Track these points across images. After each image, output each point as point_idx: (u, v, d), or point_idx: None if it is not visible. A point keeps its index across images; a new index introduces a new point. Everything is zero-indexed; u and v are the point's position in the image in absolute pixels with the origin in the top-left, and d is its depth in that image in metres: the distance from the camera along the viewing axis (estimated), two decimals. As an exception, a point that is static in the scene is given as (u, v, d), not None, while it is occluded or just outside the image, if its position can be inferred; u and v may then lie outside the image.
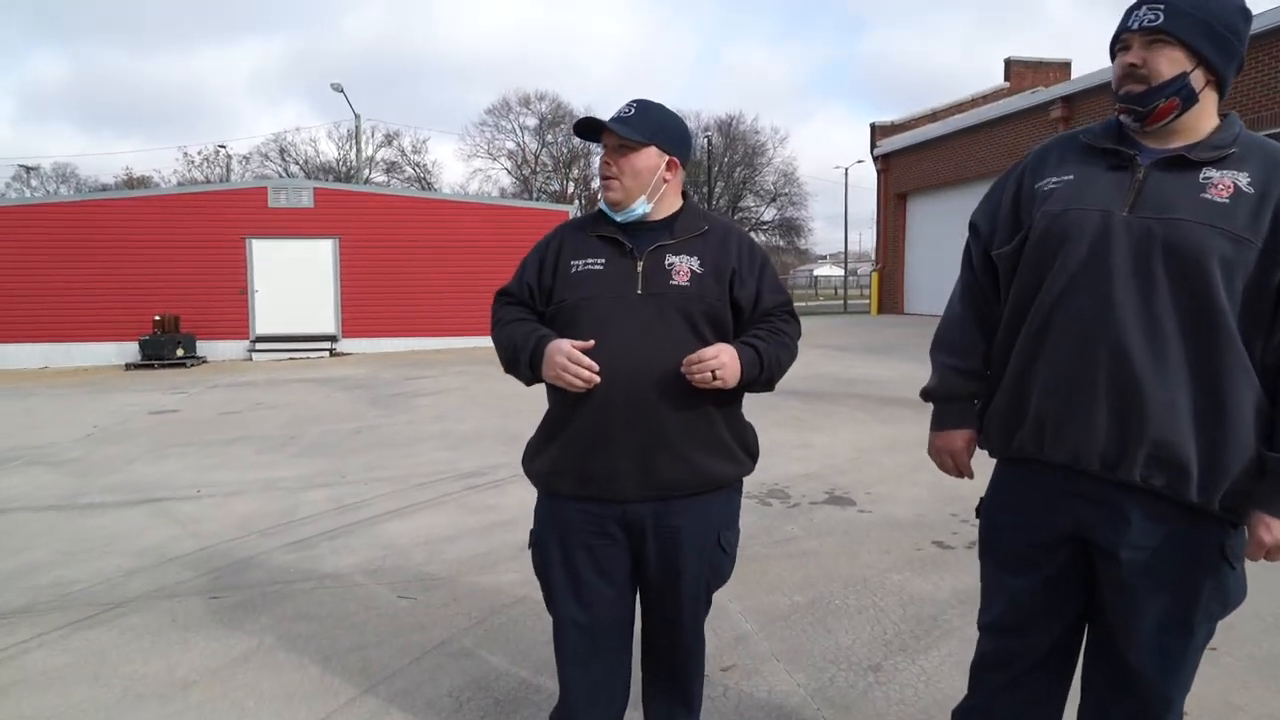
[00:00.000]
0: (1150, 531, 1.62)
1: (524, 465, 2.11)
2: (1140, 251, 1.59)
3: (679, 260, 1.98)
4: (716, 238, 2.05)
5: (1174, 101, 1.61)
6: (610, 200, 2.00)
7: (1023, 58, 24.52)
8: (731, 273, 2.01)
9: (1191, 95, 1.61)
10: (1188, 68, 1.59)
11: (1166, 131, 1.65)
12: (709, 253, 2.01)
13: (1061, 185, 1.72)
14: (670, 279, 1.96)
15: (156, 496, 5.48)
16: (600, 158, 2.01)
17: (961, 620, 3.22)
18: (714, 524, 2.05)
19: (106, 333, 15.80)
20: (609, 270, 1.97)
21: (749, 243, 2.10)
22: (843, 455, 6.21)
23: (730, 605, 3.40)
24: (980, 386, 1.88)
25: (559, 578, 2.04)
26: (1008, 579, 1.80)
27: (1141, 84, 1.62)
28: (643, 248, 1.98)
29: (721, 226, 2.10)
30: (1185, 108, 1.62)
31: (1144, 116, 1.64)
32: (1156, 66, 1.60)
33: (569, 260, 2.00)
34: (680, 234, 2.01)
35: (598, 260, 1.98)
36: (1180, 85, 1.60)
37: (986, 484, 1.91)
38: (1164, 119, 1.63)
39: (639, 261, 1.97)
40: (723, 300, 2.00)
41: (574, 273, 1.99)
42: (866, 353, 13.38)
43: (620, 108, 2.01)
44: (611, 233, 2.01)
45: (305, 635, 3.24)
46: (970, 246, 1.94)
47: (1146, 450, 1.58)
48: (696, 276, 1.98)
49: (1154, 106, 1.62)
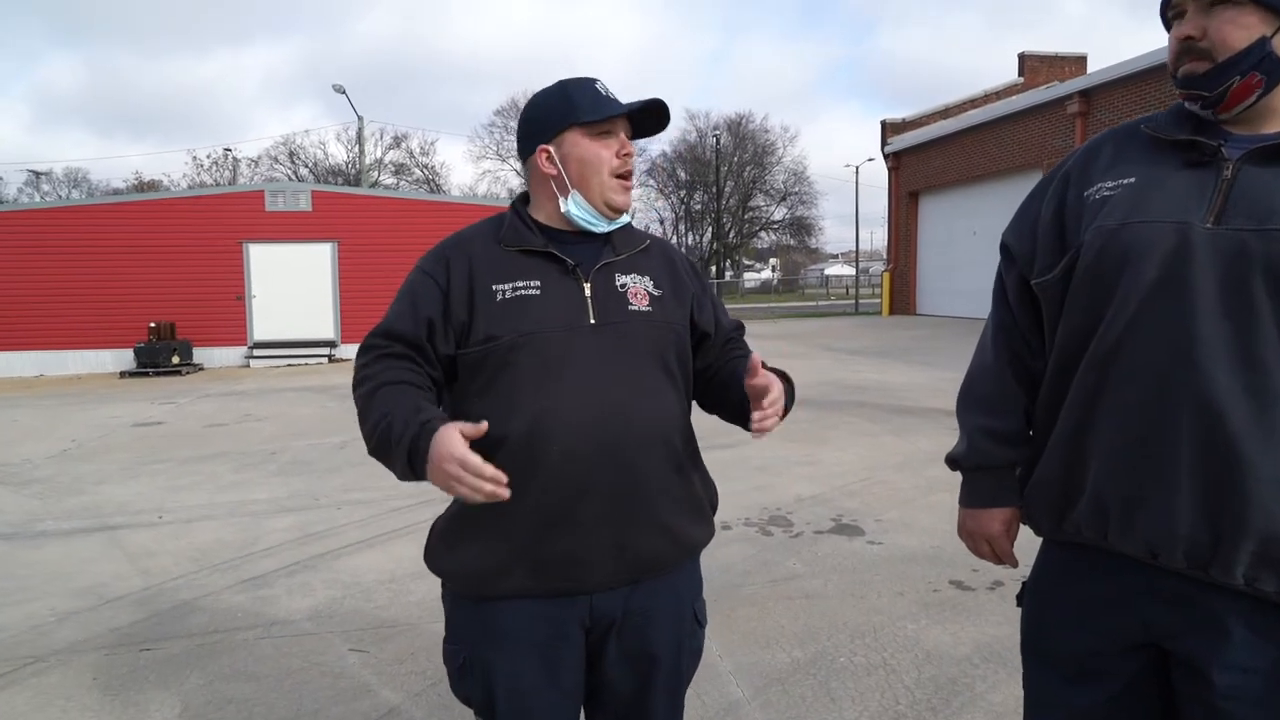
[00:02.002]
0: (1259, 649, 1.19)
1: (431, 563, 1.57)
2: (1233, 275, 1.17)
3: (631, 280, 1.57)
4: (660, 254, 1.66)
5: (1254, 78, 1.20)
6: (625, 205, 1.57)
7: (1037, 52, 23.95)
8: (691, 296, 1.63)
9: (1276, 65, 1.20)
10: (1267, 31, 1.19)
11: (1254, 114, 1.24)
12: (660, 272, 1.61)
13: (1119, 191, 1.31)
14: (628, 304, 1.54)
15: (114, 524, 5.11)
16: (616, 149, 1.54)
17: (984, 685, 2.80)
18: (686, 597, 1.65)
19: (102, 340, 15.51)
20: (549, 295, 1.51)
21: (690, 260, 1.74)
22: (851, 473, 5.78)
23: (721, 663, 3.00)
24: (1022, 453, 1.46)
25: (505, 704, 1.54)
26: (1063, 691, 1.38)
27: (1205, 61, 1.22)
28: (587, 266, 1.55)
29: (659, 241, 1.71)
30: (1271, 84, 1.21)
31: (1215, 102, 1.24)
32: (1222, 36, 1.20)
33: (489, 284, 1.52)
34: (623, 249, 1.60)
35: (530, 283, 1.52)
36: (1260, 56, 1.19)
37: (1031, 564, 1.49)
38: (1241, 102, 1.23)
39: (585, 283, 1.54)
40: (686, 327, 1.61)
41: (500, 300, 1.50)
42: (877, 356, 12.93)
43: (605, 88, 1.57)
44: (543, 246, 1.55)
45: (237, 700, 2.85)
46: (1002, 275, 1.52)
47: (1252, 545, 1.16)
48: (657, 300, 1.57)
49: (1226, 88, 1.22)
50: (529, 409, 1.46)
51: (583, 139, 1.53)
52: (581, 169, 1.54)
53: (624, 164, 1.55)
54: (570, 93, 1.56)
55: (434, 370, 1.52)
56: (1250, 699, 1.19)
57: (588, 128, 1.53)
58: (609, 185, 1.54)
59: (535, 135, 1.59)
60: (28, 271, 15.22)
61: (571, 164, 1.54)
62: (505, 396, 1.47)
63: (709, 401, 1.69)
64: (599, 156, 1.53)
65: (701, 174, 48.96)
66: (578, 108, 1.53)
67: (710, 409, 1.70)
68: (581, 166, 1.54)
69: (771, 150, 50.31)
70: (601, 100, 1.53)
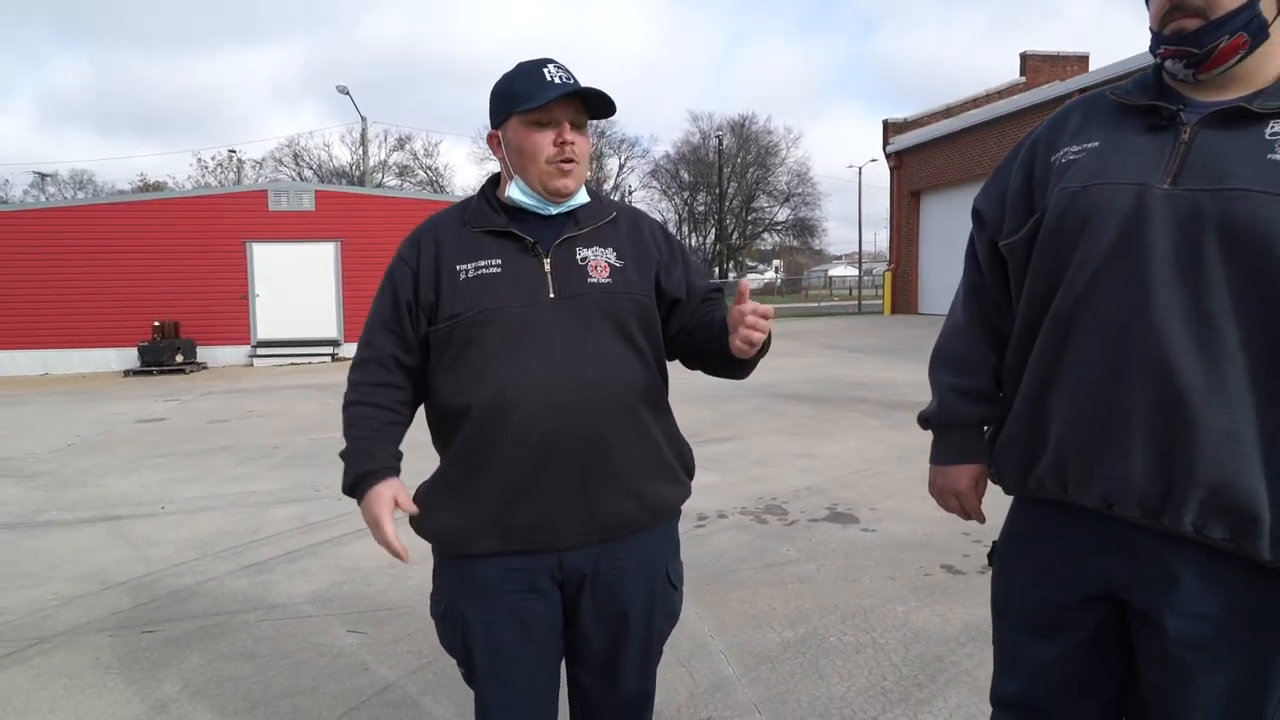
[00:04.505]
0: (1206, 595, 1.24)
1: (414, 524, 1.67)
2: (1187, 234, 1.21)
3: (592, 254, 1.63)
4: (627, 225, 1.71)
5: (1240, 38, 1.24)
6: (565, 189, 1.61)
7: (1039, 51, 23.96)
8: (656, 264, 1.68)
9: (1262, 28, 1.24)
10: None
11: (1223, 79, 1.28)
12: (624, 242, 1.67)
13: (1084, 155, 1.35)
14: (587, 276, 1.60)
15: (117, 514, 5.17)
16: (554, 136, 1.58)
17: (971, 662, 2.83)
18: (660, 557, 1.71)
19: (107, 339, 15.61)
20: (509, 272, 1.58)
21: (662, 228, 1.78)
22: (848, 466, 5.82)
23: (713, 642, 3.04)
24: (989, 410, 1.50)
25: (482, 655, 1.63)
26: (1029, 645, 1.43)
27: (1196, 18, 1.24)
28: (547, 242, 1.61)
29: (630, 212, 1.76)
30: (1254, 45, 1.24)
31: (1201, 60, 1.27)
32: None
33: (454, 264, 1.60)
34: (587, 223, 1.65)
35: (492, 262, 1.59)
36: (1250, 17, 1.23)
37: (1002, 523, 1.54)
38: (1226, 62, 1.26)
39: (545, 259, 1.60)
40: (649, 295, 1.66)
41: (464, 279, 1.58)
42: (878, 354, 12.97)
43: (560, 72, 1.59)
44: (503, 225, 1.61)
45: (236, 678, 2.90)
46: (974, 239, 1.57)
47: (1200, 493, 1.20)
48: (617, 271, 1.63)
49: (1215, 46, 1.25)
50: (493, 380, 1.54)
51: (521, 127, 1.59)
52: (520, 157, 1.60)
53: (560, 152, 1.58)
54: (514, 80, 1.61)
55: (411, 360, 1.65)
56: (1199, 644, 1.24)
57: (526, 116, 1.58)
58: (545, 171, 1.59)
59: (491, 121, 1.68)
60: (33, 271, 15.33)
61: (512, 151, 1.62)
62: (471, 369, 1.56)
63: (690, 356, 1.74)
64: (535, 144, 1.58)
65: (705, 175, 49.02)
66: (517, 95, 1.58)
67: (692, 364, 1.75)
68: (520, 154, 1.60)
69: (775, 151, 50.39)
70: (542, 86, 1.56)
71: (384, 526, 1.55)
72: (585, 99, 1.60)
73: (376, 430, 1.62)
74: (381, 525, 1.55)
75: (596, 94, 1.59)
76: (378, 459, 1.59)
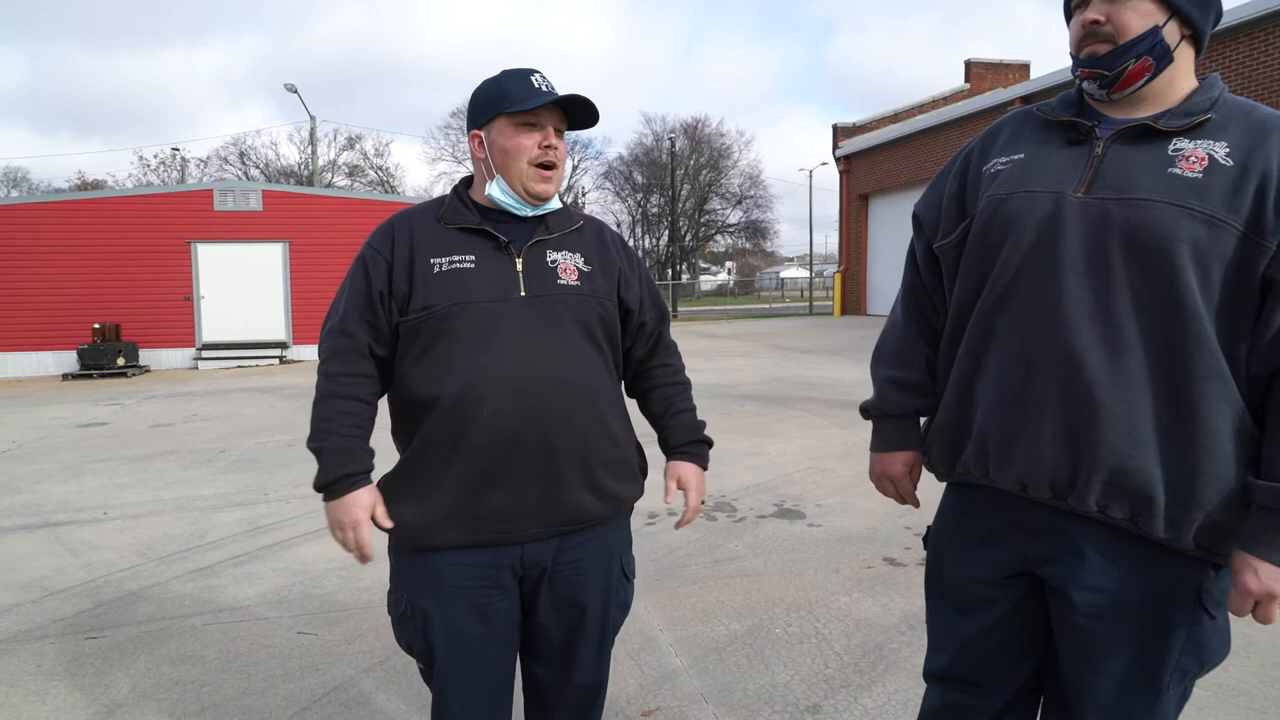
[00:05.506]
0: (1108, 571, 1.36)
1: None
2: (1097, 239, 1.33)
3: (562, 257, 1.70)
4: (592, 233, 1.79)
5: (1146, 62, 1.35)
6: (545, 194, 1.68)
7: (983, 59, 24.59)
8: (618, 272, 1.75)
9: (1166, 53, 1.35)
10: (1159, 20, 1.34)
11: (1135, 99, 1.40)
12: (590, 250, 1.74)
13: (1010, 166, 1.47)
14: (557, 278, 1.67)
15: (57, 520, 5.06)
16: (539, 139, 1.64)
17: (909, 649, 2.95)
18: (616, 550, 1.78)
19: (43, 342, 15.13)
20: (482, 269, 1.64)
21: (622, 239, 1.86)
22: (796, 463, 5.95)
23: (661, 636, 3.11)
24: (925, 402, 1.61)
25: (444, 649, 1.66)
26: (955, 620, 1.55)
27: (1106, 43, 1.36)
28: (520, 243, 1.68)
29: (594, 222, 1.84)
30: (1159, 68, 1.36)
31: (1112, 82, 1.38)
32: (1123, 21, 1.34)
33: (427, 257, 1.64)
34: (557, 228, 1.73)
35: (465, 257, 1.64)
36: (1153, 42, 1.34)
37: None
38: (1135, 83, 1.38)
39: (517, 258, 1.66)
40: (613, 301, 1.74)
41: (437, 272, 1.63)
42: (827, 354, 13.20)
43: (545, 81, 1.66)
44: (478, 224, 1.67)
45: (184, 681, 2.89)
46: (914, 243, 1.68)
47: (1103, 476, 1.31)
48: (585, 275, 1.70)
49: (1123, 69, 1.36)
50: (462, 372, 1.58)
51: (508, 128, 1.65)
52: (504, 156, 1.65)
53: (544, 155, 1.65)
54: (504, 83, 1.67)
55: (383, 350, 1.67)
56: (1102, 614, 1.36)
57: (513, 117, 1.64)
58: (528, 174, 1.65)
59: (471, 120, 1.72)
60: (-36, 272, 14.79)
61: (496, 151, 1.67)
62: (440, 361, 1.60)
63: (633, 395, 1.87)
64: (520, 145, 1.64)
65: (658, 177, 49.19)
66: (506, 97, 1.64)
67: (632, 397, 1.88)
68: (504, 154, 1.65)
69: (727, 154, 50.75)
70: (531, 92, 1.63)
71: (362, 530, 1.60)
72: (567, 110, 1.68)
73: (356, 428, 1.65)
74: (360, 529, 1.60)
75: (582, 103, 1.66)
76: (358, 460, 1.63)
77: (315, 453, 1.64)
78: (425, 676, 1.75)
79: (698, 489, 1.82)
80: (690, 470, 1.82)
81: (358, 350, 1.65)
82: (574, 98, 1.66)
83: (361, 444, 1.65)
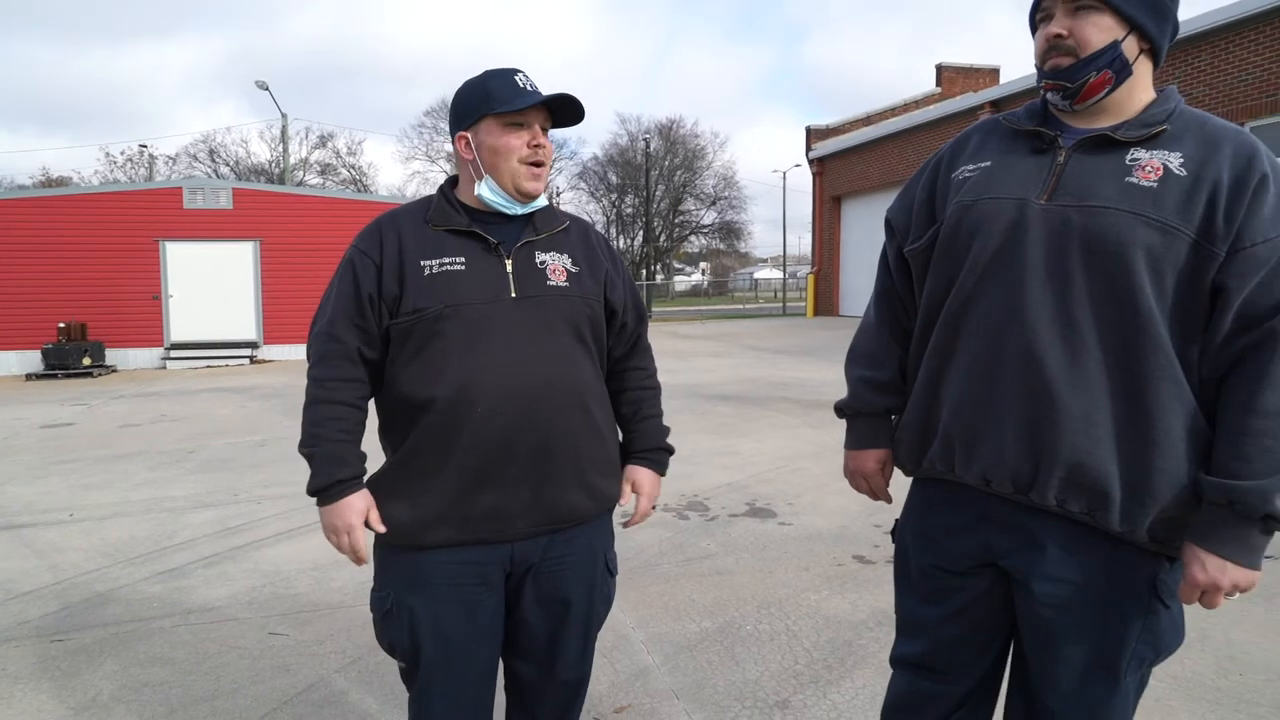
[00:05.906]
0: (1067, 563, 1.41)
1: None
2: (1058, 245, 1.38)
3: (550, 258, 1.71)
4: (579, 234, 1.81)
5: (1106, 75, 1.41)
6: (535, 191, 1.69)
7: (954, 64, 24.89)
8: (604, 273, 1.78)
9: (1125, 66, 1.41)
10: (1119, 35, 1.40)
11: (1097, 109, 1.45)
12: (577, 250, 1.76)
13: (977, 173, 1.52)
14: (547, 279, 1.69)
15: (21, 522, 4.98)
16: (528, 138, 1.66)
17: (877, 645, 3.00)
18: (600, 547, 1.81)
19: (6, 341, 14.82)
20: (473, 271, 1.65)
21: (607, 240, 1.88)
22: (768, 463, 6.00)
23: (634, 634, 3.14)
24: (896, 401, 1.67)
25: (431, 646, 1.67)
26: (921, 609, 1.60)
27: (1069, 56, 1.42)
28: (509, 244, 1.69)
29: (579, 222, 1.85)
30: (1119, 81, 1.42)
31: (1074, 93, 1.44)
32: (1084, 35, 1.40)
33: (417, 260, 1.65)
34: (544, 228, 1.74)
35: (456, 259, 1.65)
36: (1113, 56, 1.40)
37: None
38: (1096, 95, 1.43)
39: (507, 259, 1.67)
40: (600, 302, 1.76)
41: (428, 275, 1.63)
42: (799, 355, 13.31)
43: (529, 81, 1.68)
44: (466, 225, 1.68)
45: (153, 684, 2.87)
46: (886, 247, 1.73)
47: (1061, 471, 1.37)
48: (574, 276, 1.72)
49: (1084, 81, 1.42)
50: (455, 374, 1.60)
51: (496, 128, 1.66)
52: (493, 156, 1.66)
53: (533, 154, 1.67)
54: (489, 83, 1.68)
55: (372, 353, 1.67)
56: (1061, 604, 1.41)
57: (501, 117, 1.65)
58: (518, 172, 1.67)
59: (457, 122, 1.73)
60: (-77, 269, 14.47)
61: (484, 151, 1.67)
62: (433, 362, 1.62)
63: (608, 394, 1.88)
64: (509, 145, 1.65)
65: (633, 178, 49.26)
66: (492, 98, 1.66)
67: None
68: (493, 154, 1.66)
69: (702, 155, 50.92)
70: (517, 92, 1.65)
71: (357, 535, 1.62)
72: (551, 109, 1.69)
73: (346, 433, 1.65)
74: (355, 533, 1.62)
75: (569, 101, 1.68)
76: (351, 465, 1.64)
77: (307, 458, 1.64)
78: (405, 676, 1.75)
79: (650, 494, 1.87)
80: (646, 476, 1.86)
81: (346, 355, 1.65)
82: (562, 97, 1.68)
83: (353, 449, 1.65)
